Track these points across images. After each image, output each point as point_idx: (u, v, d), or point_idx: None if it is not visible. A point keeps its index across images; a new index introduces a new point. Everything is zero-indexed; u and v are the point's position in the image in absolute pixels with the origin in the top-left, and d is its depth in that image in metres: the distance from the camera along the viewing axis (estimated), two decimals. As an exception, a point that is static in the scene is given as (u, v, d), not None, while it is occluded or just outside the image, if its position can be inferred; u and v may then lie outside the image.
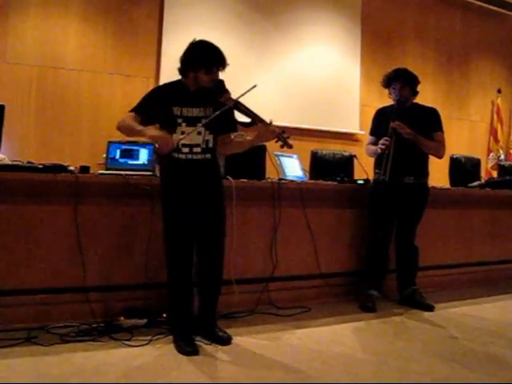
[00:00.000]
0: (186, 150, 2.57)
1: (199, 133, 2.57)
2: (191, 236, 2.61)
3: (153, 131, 2.50)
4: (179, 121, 2.57)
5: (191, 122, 2.58)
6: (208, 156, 2.63)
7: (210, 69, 2.54)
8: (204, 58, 2.54)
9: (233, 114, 2.69)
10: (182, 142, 2.55)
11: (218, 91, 2.58)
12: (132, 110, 2.61)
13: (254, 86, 2.47)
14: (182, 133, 2.56)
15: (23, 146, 4.79)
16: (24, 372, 2.17)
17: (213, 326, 2.69)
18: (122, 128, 2.58)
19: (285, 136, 2.62)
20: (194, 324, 2.68)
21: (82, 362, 2.29)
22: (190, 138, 2.55)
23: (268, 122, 2.61)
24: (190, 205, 2.58)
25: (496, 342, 2.87)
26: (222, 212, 2.69)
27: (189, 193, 2.59)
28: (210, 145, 2.63)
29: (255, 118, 2.63)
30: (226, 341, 2.61)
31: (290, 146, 2.65)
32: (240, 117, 2.69)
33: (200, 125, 2.54)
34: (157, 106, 2.59)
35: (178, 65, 2.61)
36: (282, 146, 2.66)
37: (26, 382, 2.08)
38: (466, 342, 2.86)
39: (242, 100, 2.58)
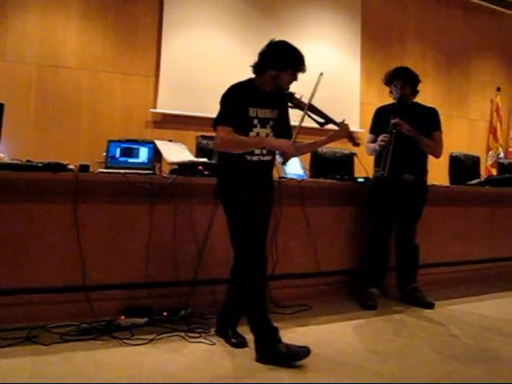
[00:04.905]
0: (258, 151, 2.54)
1: (267, 135, 2.56)
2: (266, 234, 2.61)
3: (273, 140, 2.54)
4: (255, 122, 2.51)
5: (264, 123, 2.54)
6: (271, 158, 2.63)
7: (296, 71, 2.51)
8: (294, 59, 2.50)
9: (289, 120, 2.72)
10: None
11: (286, 94, 2.62)
12: (222, 124, 2.45)
13: (321, 74, 2.49)
14: (257, 134, 2.52)
15: (22, 145, 4.78)
16: (24, 371, 2.16)
17: (227, 328, 2.67)
18: (230, 145, 2.47)
19: (353, 136, 2.72)
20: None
21: (82, 361, 2.29)
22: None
23: (339, 122, 2.65)
24: (262, 205, 2.55)
25: (496, 339, 2.88)
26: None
27: (260, 193, 2.56)
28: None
29: (327, 119, 2.66)
30: (237, 346, 2.57)
31: (357, 144, 2.71)
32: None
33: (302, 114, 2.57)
34: (236, 109, 2.48)
35: (256, 61, 2.53)
36: (352, 144, 2.76)
37: (26, 382, 2.08)
38: (466, 339, 2.86)
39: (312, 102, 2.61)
